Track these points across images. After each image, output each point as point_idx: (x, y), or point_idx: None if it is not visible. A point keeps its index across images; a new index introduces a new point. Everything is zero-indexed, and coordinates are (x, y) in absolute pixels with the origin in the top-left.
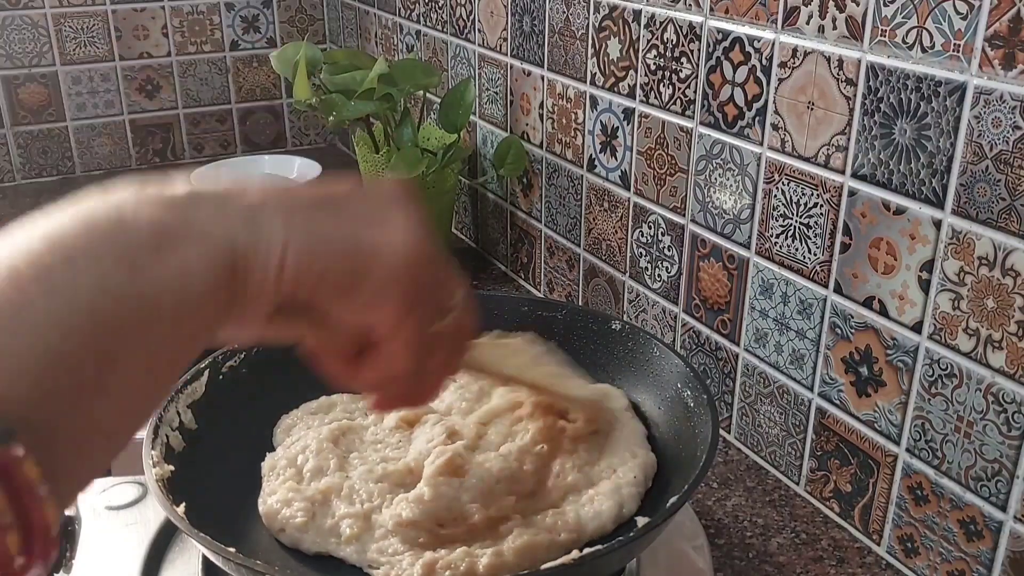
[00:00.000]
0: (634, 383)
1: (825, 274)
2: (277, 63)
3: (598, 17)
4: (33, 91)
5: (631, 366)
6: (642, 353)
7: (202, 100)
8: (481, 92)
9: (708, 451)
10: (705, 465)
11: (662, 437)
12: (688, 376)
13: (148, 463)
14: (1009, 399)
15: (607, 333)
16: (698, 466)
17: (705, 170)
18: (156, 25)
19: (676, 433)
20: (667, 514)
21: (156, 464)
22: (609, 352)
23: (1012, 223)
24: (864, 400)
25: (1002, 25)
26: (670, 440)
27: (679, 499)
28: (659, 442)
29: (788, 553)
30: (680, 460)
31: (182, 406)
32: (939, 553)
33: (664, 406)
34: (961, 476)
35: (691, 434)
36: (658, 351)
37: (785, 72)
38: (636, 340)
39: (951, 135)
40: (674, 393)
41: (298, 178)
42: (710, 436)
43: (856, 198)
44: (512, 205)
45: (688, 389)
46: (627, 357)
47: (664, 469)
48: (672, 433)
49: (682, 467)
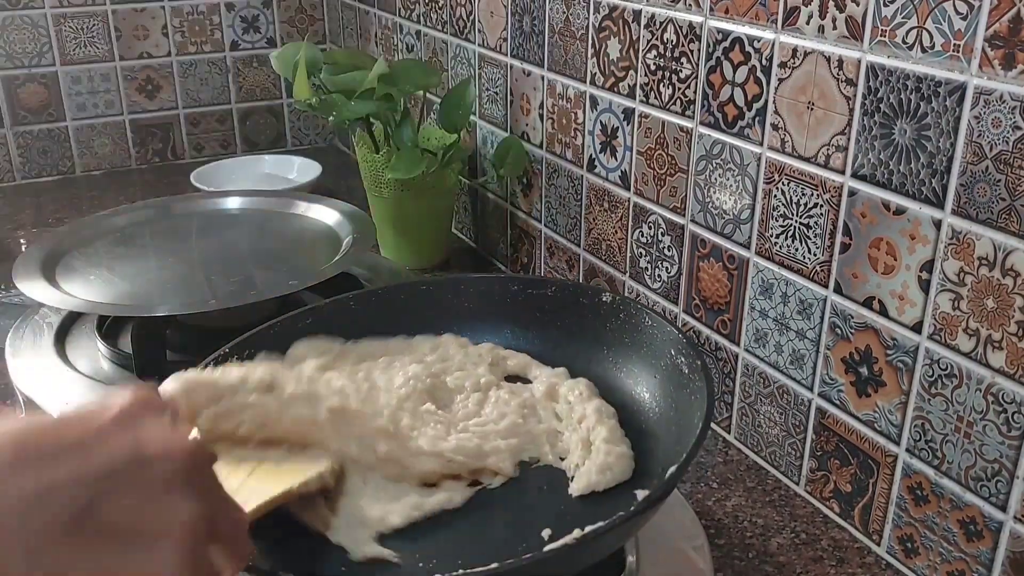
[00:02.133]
0: (628, 354)
1: (825, 274)
2: (277, 63)
3: (598, 17)
4: (33, 91)
5: (624, 337)
6: (634, 324)
7: (202, 100)
8: (481, 92)
9: (704, 418)
10: (702, 433)
11: (659, 407)
12: (681, 343)
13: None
14: (1009, 399)
15: (598, 306)
16: (695, 434)
17: (705, 170)
18: (156, 25)
19: (673, 402)
20: (667, 486)
21: None
22: (602, 325)
23: (1012, 223)
24: (864, 400)
25: (1002, 25)
26: (667, 410)
27: (677, 469)
28: (657, 412)
29: (788, 553)
30: (679, 429)
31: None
32: (939, 553)
33: (660, 374)
34: (961, 476)
35: (687, 402)
36: (650, 320)
37: (785, 72)
38: (628, 311)
39: (951, 135)
40: (668, 361)
41: (298, 178)
42: (706, 403)
43: (856, 198)
44: (512, 205)
45: (682, 356)
46: (620, 329)
47: (661, 440)
48: (669, 403)
49: (681, 437)
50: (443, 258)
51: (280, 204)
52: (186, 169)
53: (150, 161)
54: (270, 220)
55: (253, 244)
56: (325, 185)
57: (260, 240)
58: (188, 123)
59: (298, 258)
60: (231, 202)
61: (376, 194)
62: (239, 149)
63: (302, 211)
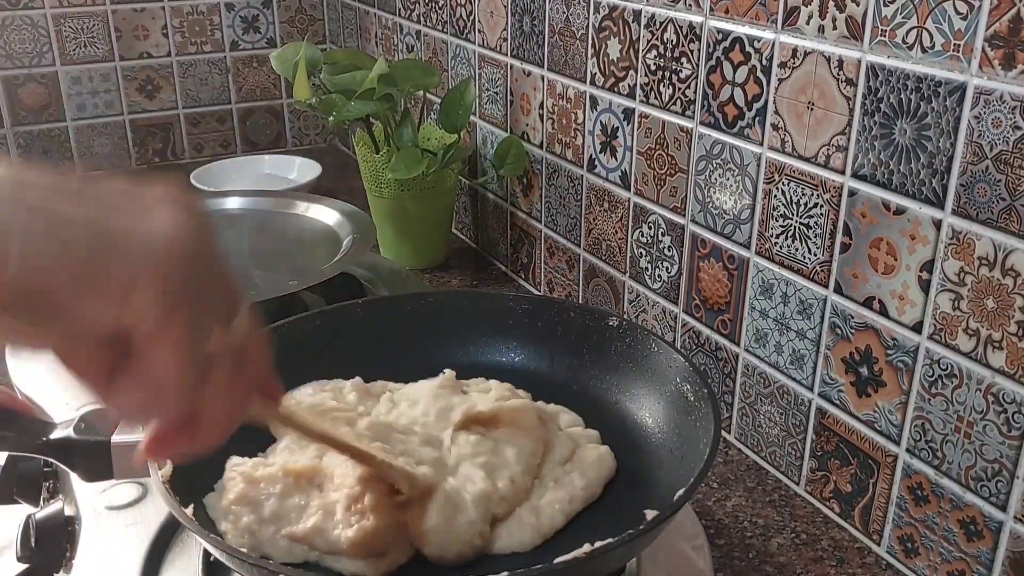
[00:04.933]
0: (633, 379)
1: (825, 274)
2: (277, 63)
3: (598, 17)
4: (33, 91)
5: (629, 362)
6: (640, 349)
7: (202, 100)
8: (481, 92)
9: (711, 444)
10: (709, 458)
11: (663, 432)
12: (688, 371)
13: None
14: (1009, 399)
15: (604, 330)
16: (702, 460)
17: (705, 170)
18: (156, 25)
19: (677, 428)
20: (675, 507)
21: (161, 464)
22: (607, 349)
23: (1012, 223)
24: (864, 400)
25: (1002, 25)
26: (671, 435)
27: (686, 492)
28: (660, 437)
29: (788, 553)
30: (683, 454)
31: None
32: (939, 553)
33: (663, 401)
34: (961, 476)
35: (692, 429)
36: (656, 347)
37: (785, 72)
38: (634, 336)
39: (951, 135)
40: (674, 388)
41: (298, 178)
42: (712, 430)
43: (856, 198)
44: (512, 205)
45: (688, 384)
46: (626, 353)
47: (666, 464)
48: (673, 428)
49: (685, 461)
50: (443, 258)
51: (280, 204)
52: (186, 169)
53: (150, 161)
54: (270, 220)
55: (253, 244)
56: (325, 185)
57: (260, 240)
58: (188, 123)
59: (298, 258)
60: (231, 202)
61: (376, 194)
62: (239, 149)
63: (302, 211)
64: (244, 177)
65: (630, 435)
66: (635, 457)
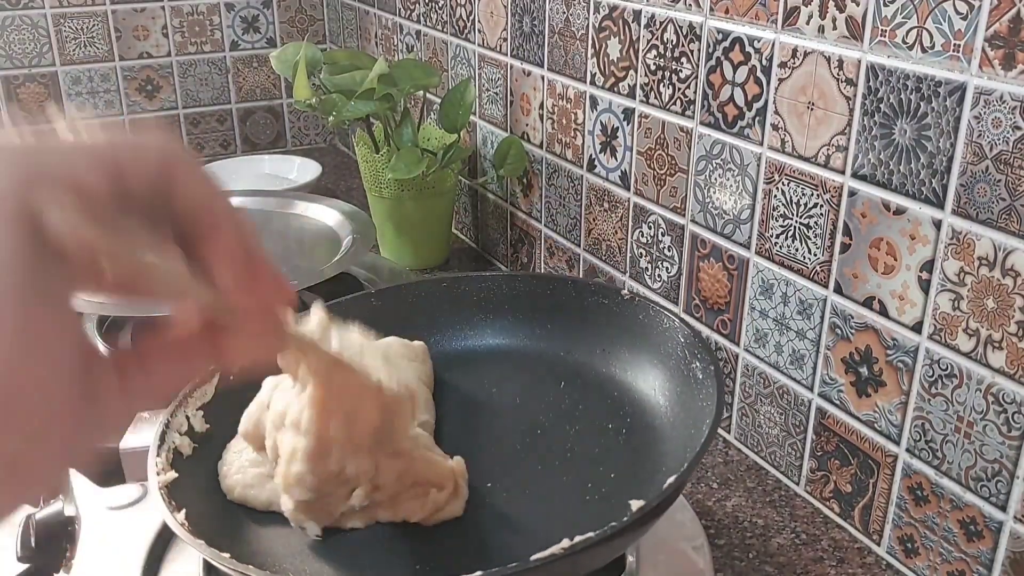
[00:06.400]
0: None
1: (825, 274)
2: (277, 63)
3: (598, 17)
4: (33, 91)
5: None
6: (651, 324)
7: (202, 100)
8: (481, 92)
9: (711, 424)
10: (707, 441)
11: (670, 408)
12: (698, 346)
13: (152, 469)
14: (1009, 399)
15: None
16: (697, 444)
17: (705, 170)
18: (156, 25)
19: (682, 405)
20: (663, 496)
21: (161, 471)
22: (616, 324)
23: (1012, 223)
24: (864, 400)
25: (1002, 25)
26: (678, 412)
27: (677, 479)
28: (666, 415)
29: (788, 553)
30: (684, 433)
31: (191, 410)
32: (939, 553)
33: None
34: (961, 476)
35: (696, 407)
36: (667, 322)
37: (785, 72)
38: (646, 312)
39: (951, 135)
40: (683, 364)
41: (298, 178)
42: (714, 410)
43: (856, 198)
44: (512, 205)
45: (697, 360)
46: (634, 327)
47: (666, 445)
48: (679, 405)
49: (683, 443)
50: (443, 258)
51: (280, 204)
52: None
53: None
54: (270, 220)
55: None
56: (325, 185)
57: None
58: (188, 123)
59: (298, 258)
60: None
61: (376, 194)
62: (239, 149)
63: (302, 211)
64: (244, 177)
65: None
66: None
